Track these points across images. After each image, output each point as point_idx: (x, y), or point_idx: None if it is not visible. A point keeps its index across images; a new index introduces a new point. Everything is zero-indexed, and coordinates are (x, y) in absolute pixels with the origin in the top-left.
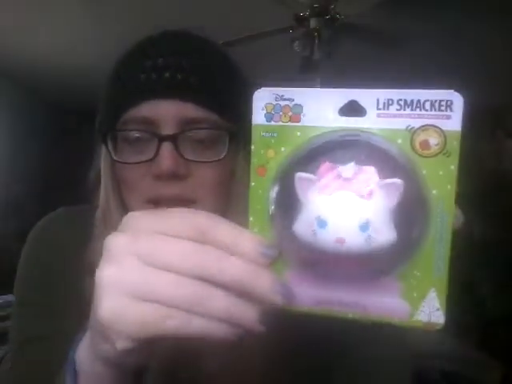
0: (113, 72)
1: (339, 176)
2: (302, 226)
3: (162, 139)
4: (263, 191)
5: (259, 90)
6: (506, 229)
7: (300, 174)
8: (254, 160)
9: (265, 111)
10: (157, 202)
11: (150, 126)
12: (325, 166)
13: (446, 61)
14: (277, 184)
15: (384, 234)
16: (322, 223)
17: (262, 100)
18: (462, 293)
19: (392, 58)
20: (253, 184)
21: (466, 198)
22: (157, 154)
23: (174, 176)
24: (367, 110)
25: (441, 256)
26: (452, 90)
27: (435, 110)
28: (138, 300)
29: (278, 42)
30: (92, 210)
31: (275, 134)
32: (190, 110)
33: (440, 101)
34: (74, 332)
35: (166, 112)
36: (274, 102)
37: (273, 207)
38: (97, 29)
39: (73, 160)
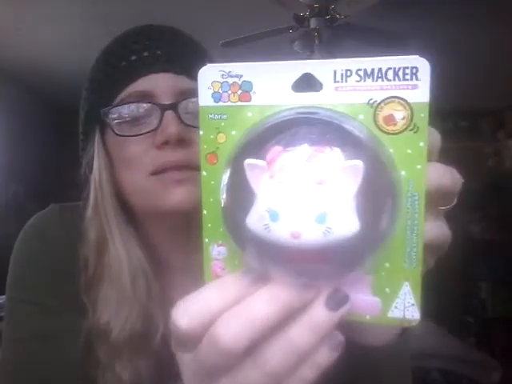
0: (98, 62)
1: (291, 161)
2: (255, 219)
3: (164, 108)
4: (215, 181)
5: (204, 67)
6: (506, 229)
7: (249, 161)
8: (204, 146)
9: (212, 90)
10: (162, 172)
11: (148, 99)
12: (274, 150)
13: (445, 61)
14: (228, 172)
15: (345, 225)
16: (274, 215)
17: (208, 78)
18: (463, 293)
19: None
20: (204, 173)
21: (466, 197)
22: (160, 122)
23: (180, 141)
24: (323, 84)
25: (413, 245)
26: (417, 56)
27: (399, 79)
28: None
29: (278, 41)
30: (84, 206)
31: (225, 116)
32: (183, 82)
33: (404, 68)
34: (71, 329)
35: (163, 84)
36: (221, 80)
37: (224, 197)
38: (97, 29)
39: (72, 160)
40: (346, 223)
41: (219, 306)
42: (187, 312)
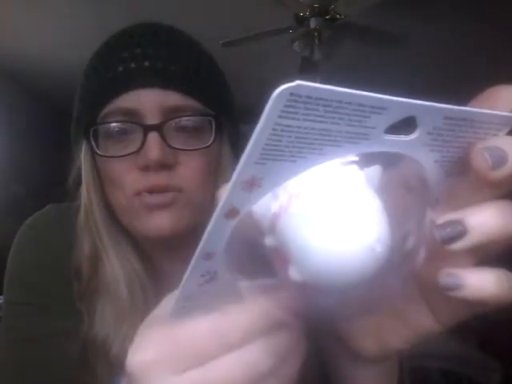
0: (89, 66)
1: None
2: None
3: (147, 129)
4: None
5: None
6: None
7: None
8: None
9: None
10: (144, 193)
11: (132, 117)
12: None
13: (445, 61)
14: None
15: None
16: None
17: None
18: None
19: (392, 57)
20: None
21: None
22: (143, 144)
23: (162, 166)
24: None
25: None
26: None
27: None
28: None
29: (278, 41)
30: (80, 207)
31: None
32: (171, 98)
33: None
34: (69, 330)
35: (148, 101)
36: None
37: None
38: (97, 29)
39: (72, 160)
40: None
41: None
42: None
